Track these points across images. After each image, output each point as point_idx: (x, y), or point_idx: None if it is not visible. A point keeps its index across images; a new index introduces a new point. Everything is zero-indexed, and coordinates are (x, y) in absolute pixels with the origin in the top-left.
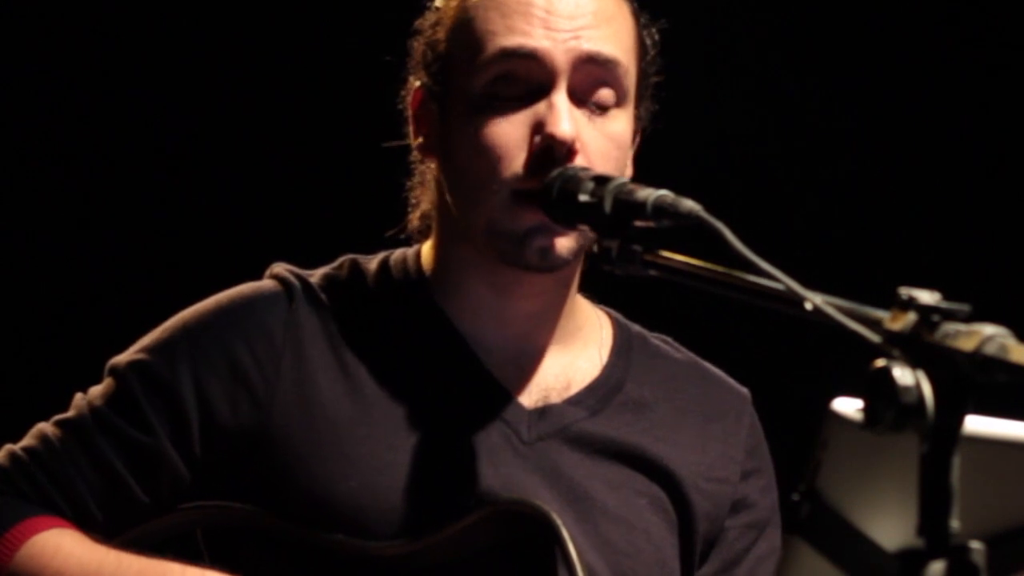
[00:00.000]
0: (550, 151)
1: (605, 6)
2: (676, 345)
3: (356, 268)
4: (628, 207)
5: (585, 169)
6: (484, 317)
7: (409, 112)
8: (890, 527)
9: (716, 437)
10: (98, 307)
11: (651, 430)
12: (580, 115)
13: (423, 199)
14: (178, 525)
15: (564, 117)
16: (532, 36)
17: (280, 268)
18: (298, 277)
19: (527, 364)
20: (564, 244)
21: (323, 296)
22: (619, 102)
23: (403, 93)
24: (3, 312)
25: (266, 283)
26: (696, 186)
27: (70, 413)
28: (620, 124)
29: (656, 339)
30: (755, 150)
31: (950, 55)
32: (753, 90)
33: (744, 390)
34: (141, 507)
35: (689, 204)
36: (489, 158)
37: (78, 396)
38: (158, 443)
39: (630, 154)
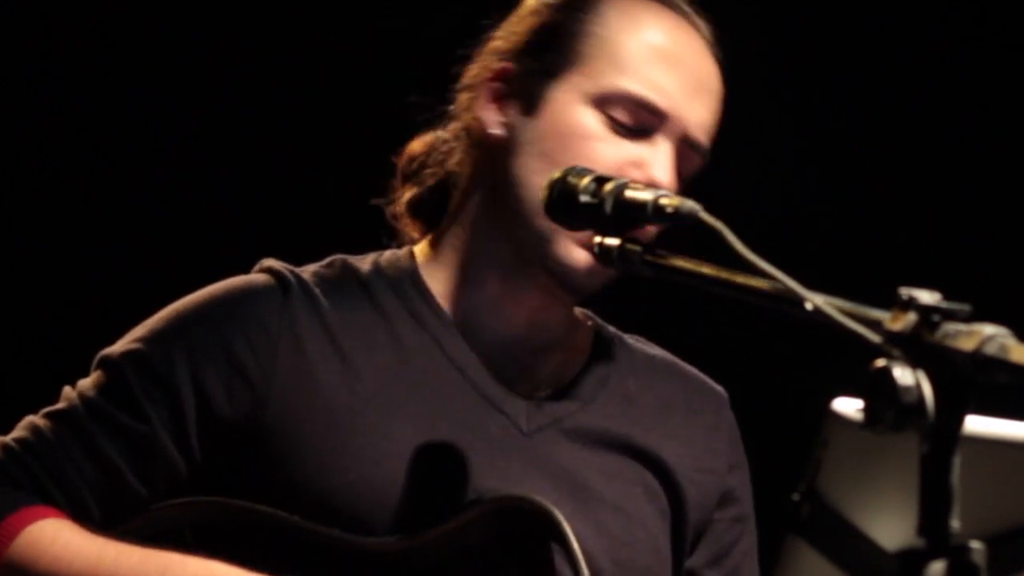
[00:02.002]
0: None
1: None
2: (650, 344)
3: (347, 266)
4: (629, 207)
5: (586, 169)
6: (486, 314)
7: (486, 82)
8: (890, 527)
9: (700, 428)
10: (80, 305)
11: (640, 421)
12: None
13: (452, 165)
14: (167, 521)
15: (668, 168)
16: (671, 99)
17: (271, 262)
18: (290, 271)
19: (522, 359)
20: (607, 275)
21: (316, 290)
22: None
23: (474, 61)
24: None
25: (259, 276)
26: (696, 186)
27: (61, 405)
28: None
29: (631, 339)
30: (755, 150)
31: (950, 55)
32: (753, 89)
33: (721, 388)
34: (136, 498)
35: (689, 204)
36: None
37: (67, 389)
38: (153, 432)
39: None
